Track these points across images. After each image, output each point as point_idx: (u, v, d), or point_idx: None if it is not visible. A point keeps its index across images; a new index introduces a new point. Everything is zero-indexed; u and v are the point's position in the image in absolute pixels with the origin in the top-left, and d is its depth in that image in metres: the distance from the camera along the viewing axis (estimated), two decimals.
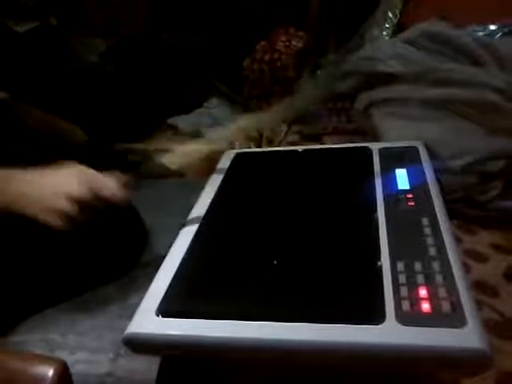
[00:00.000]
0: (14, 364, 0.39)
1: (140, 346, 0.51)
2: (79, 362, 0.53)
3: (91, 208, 0.54)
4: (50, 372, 0.40)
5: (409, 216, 0.58)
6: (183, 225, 0.65)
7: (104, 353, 0.55)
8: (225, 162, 0.81)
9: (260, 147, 1.03)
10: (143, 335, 0.49)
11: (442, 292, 0.45)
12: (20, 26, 0.91)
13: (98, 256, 0.65)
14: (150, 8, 1.38)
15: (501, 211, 0.79)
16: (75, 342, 0.57)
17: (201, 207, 0.69)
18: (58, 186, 0.54)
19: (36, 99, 0.90)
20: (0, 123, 0.79)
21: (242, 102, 1.29)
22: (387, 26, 1.19)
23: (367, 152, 0.74)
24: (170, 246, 0.61)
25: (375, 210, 0.60)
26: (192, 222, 0.66)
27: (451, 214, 0.59)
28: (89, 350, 0.56)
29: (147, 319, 0.50)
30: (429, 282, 0.47)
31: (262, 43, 1.34)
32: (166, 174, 0.95)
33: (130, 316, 0.51)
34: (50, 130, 0.90)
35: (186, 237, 0.63)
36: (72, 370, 0.43)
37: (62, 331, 0.58)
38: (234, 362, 0.54)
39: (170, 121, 1.21)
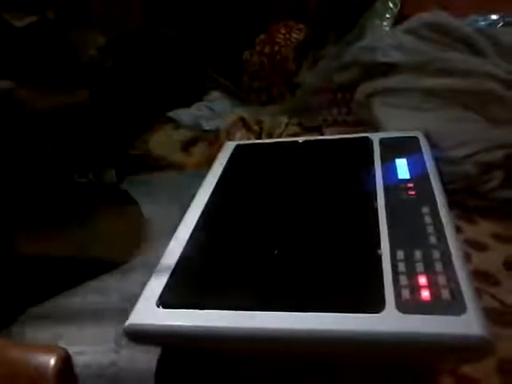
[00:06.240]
0: (15, 353, 0.39)
1: (141, 336, 0.51)
2: (81, 353, 0.53)
3: None
4: (52, 361, 0.39)
5: (409, 205, 0.58)
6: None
7: (106, 343, 0.56)
8: (225, 154, 0.81)
9: (260, 139, 1.02)
10: (144, 326, 0.50)
11: (442, 280, 0.46)
12: (18, 20, 0.90)
13: (97, 247, 0.65)
14: (148, 2, 1.38)
15: (501, 201, 0.79)
16: (76, 332, 0.57)
17: (201, 199, 0.69)
18: None
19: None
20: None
21: (242, 95, 1.29)
22: (388, 16, 1.18)
23: (367, 142, 0.74)
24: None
25: (375, 199, 0.60)
26: (192, 213, 0.66)
27: (452, 204, 0.59)
28: (90, 341, 0.56)
29: (148, 310, 0.51)
30: (428, 270, 0.47)
31: (262, 36, 1.33)
32: (165, 166, 0.95)
33: (130, 307, 0.51)
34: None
35: (186, 228, 0.63)
36: (74, 361, 0.43)
37: (63, 322, 0.59)
38: (235, 353, 0.55)
39: (170, 114, 1.20)
